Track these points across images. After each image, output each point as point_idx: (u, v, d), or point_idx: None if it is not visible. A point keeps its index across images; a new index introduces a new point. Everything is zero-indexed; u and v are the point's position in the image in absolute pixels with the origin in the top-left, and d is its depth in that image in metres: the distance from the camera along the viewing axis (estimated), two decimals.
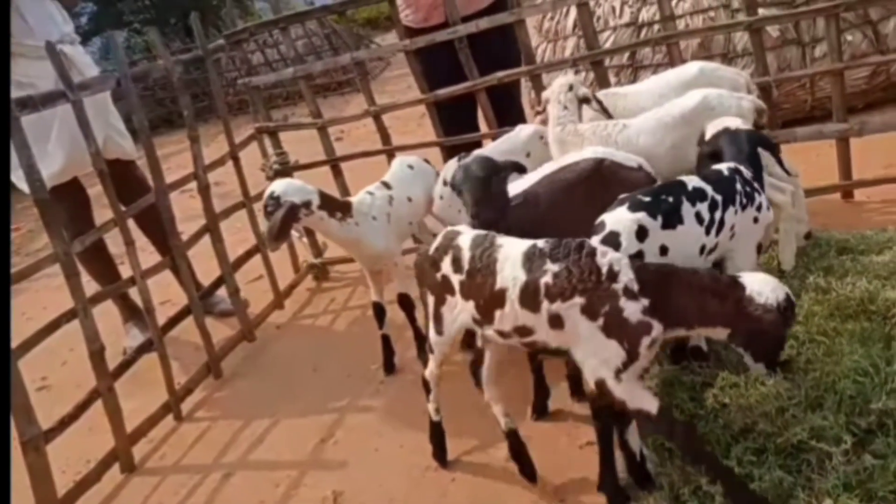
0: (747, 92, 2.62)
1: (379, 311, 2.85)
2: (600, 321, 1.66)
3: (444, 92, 3.44)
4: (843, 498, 1.62)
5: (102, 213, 3.63)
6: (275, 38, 10.28)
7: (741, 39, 4.35)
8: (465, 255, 1.85)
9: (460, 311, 1.90)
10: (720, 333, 1.70)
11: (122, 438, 2.69)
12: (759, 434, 1.84)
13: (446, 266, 1.89)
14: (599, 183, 2.20)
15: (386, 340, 2.88)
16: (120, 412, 2.68)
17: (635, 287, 1.65)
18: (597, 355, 1.69)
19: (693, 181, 2.02)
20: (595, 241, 1.85)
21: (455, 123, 3.56)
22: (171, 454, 2.76)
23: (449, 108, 3.55)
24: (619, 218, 1.92)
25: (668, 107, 2.53)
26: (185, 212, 4.07)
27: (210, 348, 3.19)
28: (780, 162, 2.43)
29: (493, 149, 2.89)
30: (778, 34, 4.33)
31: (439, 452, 2.24)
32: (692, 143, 2.41)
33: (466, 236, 1.91)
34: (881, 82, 4.29)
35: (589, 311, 1.67)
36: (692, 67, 2.72)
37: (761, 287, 1.65)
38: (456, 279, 1.87)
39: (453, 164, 2.66)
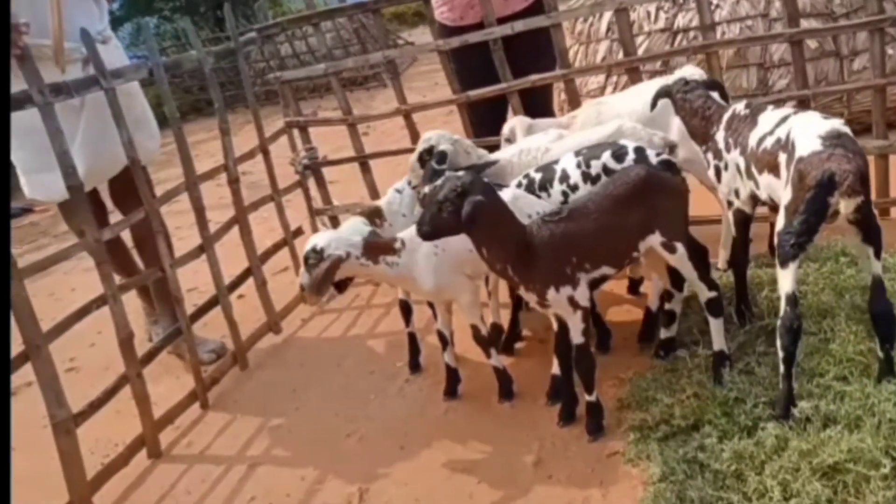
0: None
1: (405, 309, 2.85)
2: None
3: (475, 93, 3.43)
4: None
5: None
6: (303, 31, 10.29)
7: (778, 50, 4.29)
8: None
9: None
10: None
11: (150, 425, 2.71)
12: (793, 451, 1.82)
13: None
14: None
15: (412, 338, 2.88)
16: (148, 399, 2.70)
17: None
18: None
19: None
20: None
21: (485, 124, 3.54)
22: (197, 442, 2.78)
23: (480, 109, 3.54)
24: None
25: (588, 132, 2.59)
26: (212, 199, 4.07)
27: (237, 339, 3.21)
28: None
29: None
30: (816, 45, 4.26)
31: None
32: None
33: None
34: None
35: None
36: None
37: None
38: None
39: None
